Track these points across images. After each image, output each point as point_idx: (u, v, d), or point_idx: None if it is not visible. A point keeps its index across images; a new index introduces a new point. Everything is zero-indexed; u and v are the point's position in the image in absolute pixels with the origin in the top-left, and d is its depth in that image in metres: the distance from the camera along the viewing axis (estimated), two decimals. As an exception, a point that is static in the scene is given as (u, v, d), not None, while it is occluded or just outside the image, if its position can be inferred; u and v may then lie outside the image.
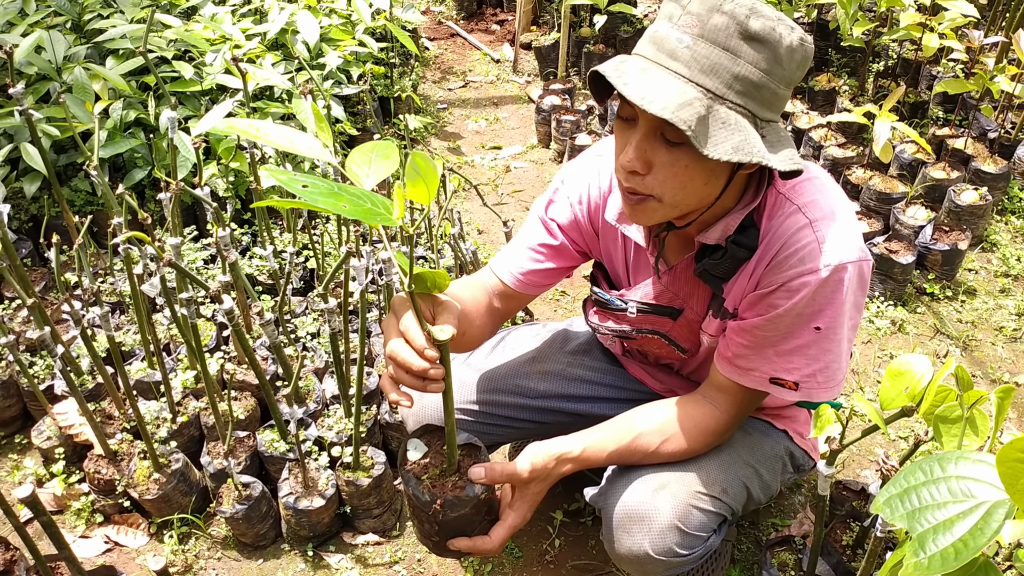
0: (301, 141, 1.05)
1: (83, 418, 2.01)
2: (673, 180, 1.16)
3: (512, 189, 3.63)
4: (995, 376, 2.52)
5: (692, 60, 1.08)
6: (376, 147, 1.11)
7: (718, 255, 1.29)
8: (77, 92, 2.70)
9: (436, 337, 1.08)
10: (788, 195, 1.27)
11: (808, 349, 1.29)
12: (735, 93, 1.09)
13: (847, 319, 1.28)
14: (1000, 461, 0.73)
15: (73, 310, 1.82)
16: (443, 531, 1.30)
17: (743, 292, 1.33)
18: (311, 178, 0.97)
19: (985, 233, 3.13)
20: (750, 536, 2.00)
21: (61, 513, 2.05)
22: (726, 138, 1.08)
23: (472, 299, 1.46)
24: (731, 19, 1.07)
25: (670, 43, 1.09)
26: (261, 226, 2.46)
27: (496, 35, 5.30)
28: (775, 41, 1.09)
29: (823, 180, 1.30)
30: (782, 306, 1.26)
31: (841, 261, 1.22)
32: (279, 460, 1.98)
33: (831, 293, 1.24)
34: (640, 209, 1.22)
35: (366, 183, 1.03)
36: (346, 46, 3.36)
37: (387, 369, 1.16)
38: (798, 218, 1.25)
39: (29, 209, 2.84)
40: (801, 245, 1.24)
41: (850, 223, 1.26)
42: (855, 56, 4.15)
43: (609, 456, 1.38)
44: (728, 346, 1.37)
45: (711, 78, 1.08)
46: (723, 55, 1.08)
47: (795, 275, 1.24)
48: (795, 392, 1.32)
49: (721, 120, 1.08)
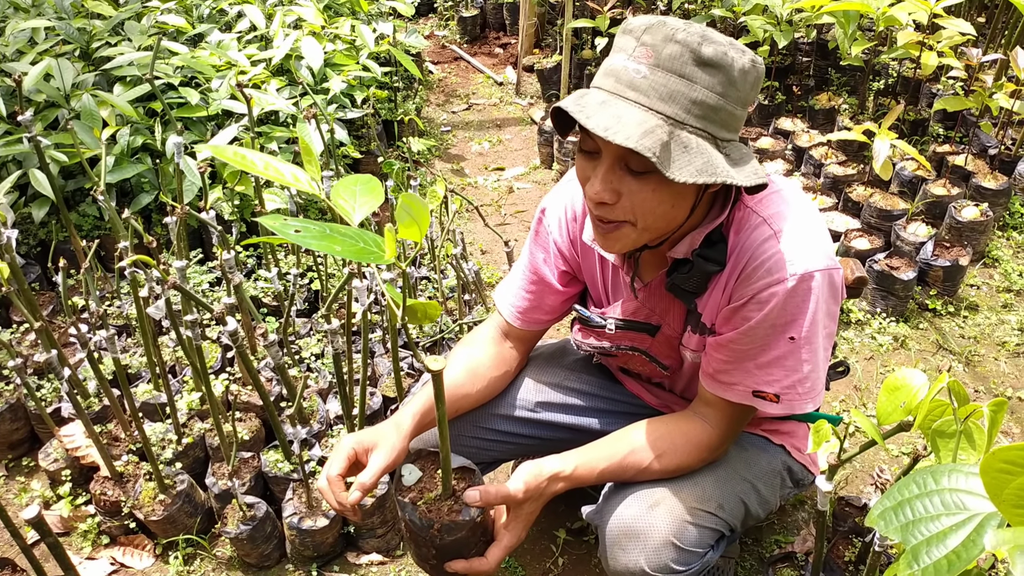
0: (286, 170, 1.07)
1: (89, 440, 2.03)
2: (642, 206, 1.19)
3: (515, 209, 3.66)
4: (998, 391, 2.52)
5: (650, 89, 1.11)
6: (359, 180, 1.13)
7: (686, 269, 1.32)
8: (85, 119, 2.75)
9: (429, 368, 1.09)
10: (754, 208, 1.30)
11: (785, 360, 1.30)
12: (694, 117, 1.12)
13: (821, 328, 1.30)
14: (984, 472, 0.73)
15: (80, 333, 1.85)
16: (440, 555, 1.31)
17: (718, 306, 1.35)
18: (303, 222, 0.99)
19: (987, 249, 3.14)
20: (753, 553, 2.00)
21: (67, 535, 2.07)
22: (689, 161, 1.11)
23: (483, 356, 1.61)
24: (684, 47, 1.10)
25: (628, 74, 1.13)
26: (266, 249, 2.48)
27: (499, 58, 5.35)
28: (728, 65, 1.12)
29: (788, 191, 1.33)
30: (754, 318, 1.28)
31: (807, 269, 1.25)
32: (283, 480, 1.99)
33: (800, 302, 1.26)
34: (614, 237, 1.25)
35: (355, 217, 1.05)
36: (350, 71, 3.40)
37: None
38: (763, 230, 1.28)
39: (37, 234, 2.87)
40: (767, 256, 1.26)
41: (816, 232, 1.29)
42: (855, 75, 4.18)
43: (601, 473, 1.39)
44: (709, 362, 1.39)
45: (670, 105, 1.11)
46: (680, 82, 1.11)
47: (763, 286, 1.26)
48: (777, 404, 1.33)
49: (683, 144, 1.11)
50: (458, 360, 1.59)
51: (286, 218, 1.00)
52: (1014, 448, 0.71)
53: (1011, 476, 0.72)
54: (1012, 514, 0.73)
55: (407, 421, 1.41)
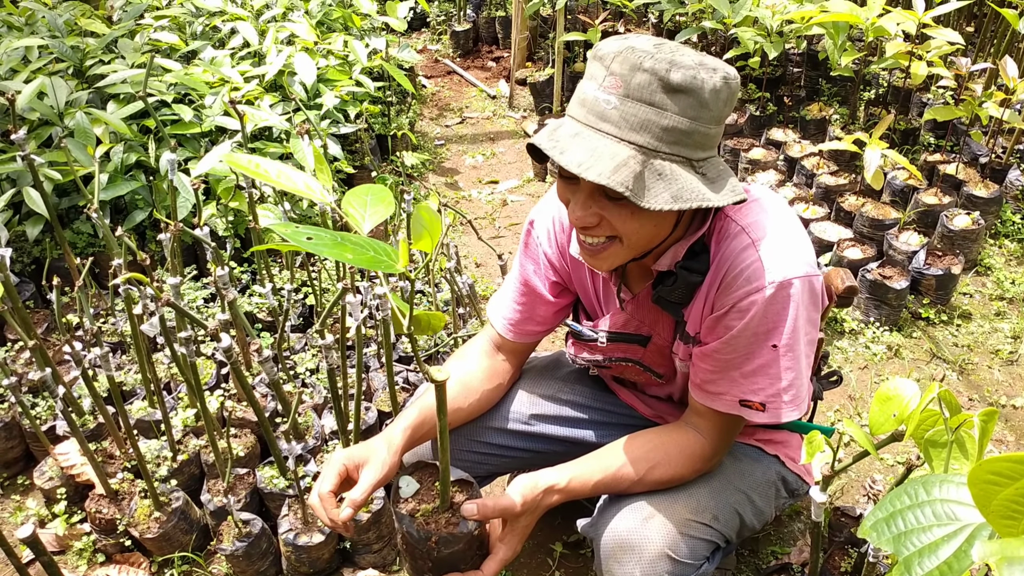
0: (299, 179, 1.08)
1: (84, 458, 2.03)
2: (623, 228, 1.22)
3: (509, 222, 3.67)
4: (992, 399, 2.52)
5: (621, 120, 1.12)
6: (371, 190, 1.13)
7: (670, 281, 1.33)
8: (79, 136, 2.75)
9: (433, 378, 1.10)
10: (734, 218, 1.32)
11: (769, 368, 1.31)
12: (666, 144, 1.13)
13: (802, 335, 1.31)
14: (971, 482, 0.74)
15: (74, 351, 1.85)
16: (436, 567, 1.31)
17: (701, 316, 1.37)
18: (314, 229, 0.99)
19: (979, 257, 3.15)
20: (750, 564, 2.00)
21: (63, 553, 2.06)
22: (664, 189, 1.13)
23: (476, 369, 1.61)
24: (652, 76, 1.11)
25: (599, 105, 1.14)
26: (260, 264, 2.49)
27: (492, 72, 5.37)
28: (697, 88, 1.12)
29: (767, 200, 1.34)
30: (736, 327, 1.29)
31: (786, 277, 1.26)
32: (279, 496, 1.99)
33: (780, 309, 1.27)
34: (602, 257, 1.27)
35: (364, 226, 1.05)
36: (343, 86, 3.42)
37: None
38: (742, 239, 1.29)
39: (32, 252, 2.87)
40: (746, 265, 1.27)
41: (794, 240, 1.30)
42: (845, 85, 4.20)
43: (596, 485, 1.39)
44: (697, 373, 1.40)
45: (642, 134, 1.12)
46: (650, 111, 1.12)
47: (743, 295, 1.27)
48: (763, 413, 1.34)
49: (657, 172, 1.13)
50: (450, 374, 1.59)
51: (298, 225, 1.00)
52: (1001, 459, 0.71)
53: (998, 487, 0.72)
54: (1000, 525, 0.74)
55: (398, 436, 1.41)
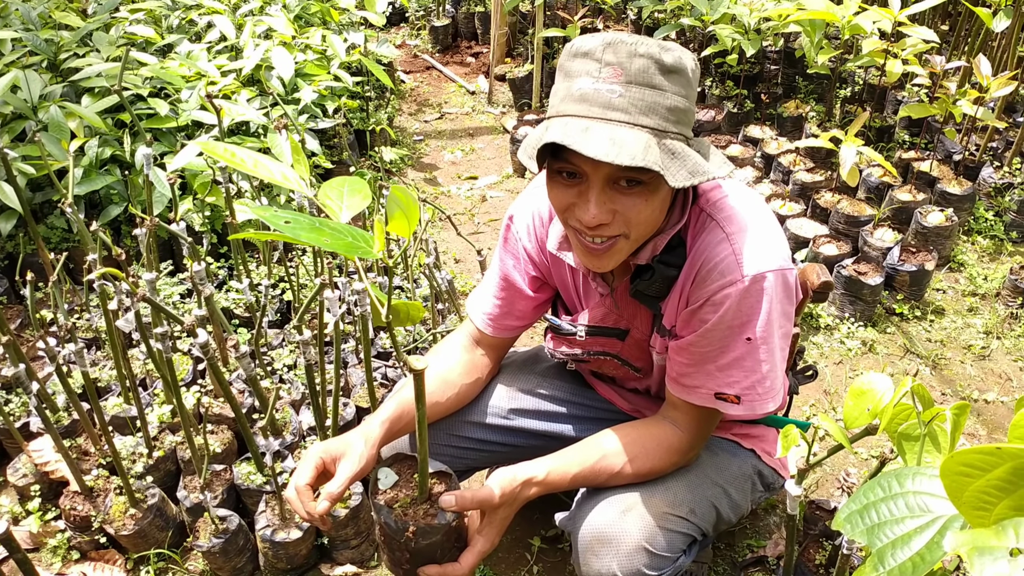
0: (276, 169, 1.07)
1: (59, 455, 2.01)
2: (636, 217, 1.21)
3: (488, 218, 3.67)
4: (965, 394, 2.56)
5: (630, 106, 1.13)
6: (347, 182, 1.13)
7: (648, 275, 1.34)
8: (53, 130, 2.72)
9: (412, 366, 1.10)
10: (709, 211, 1.33)
11: (744, 361, 1.32)
12: (672, 124, 1.15)
13: (776, 328, 1.32)
14: (943, 474, 0.74)
15: (48, 347, 1.83)
16: (414, 559, 1.31)
17: (676, 310, 1.38)
18: (292, 214, 0.98)
19: (952, 253, 3.19)
20: (726, 558, 2.02)
21: (37, 551, 2.04)
22: (680, 167, 1.14)
23: (454, 364, 1.61)
24: (649, 59, 1.13)
25: (603, 96, 1.13)
26: (237, 260, 2.47)
27: (471, 67, 5.36)
28: (684, 68, 1.16)
29: (741, 194, 1.35)
30: (710, 320, 1.31)
31: (760, 270, 1.27)
32: (256, 493, 1.98)
33: (754, 303, 1.28)
34: (608, 255, 1.27)
35: (341, 216, 1.05)
36: (321, 81, 3.40)
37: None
38: (717, 233, 1.30)
39: (5, 247, 2.84)
40: (720, 259, 1.28)
41: (768, 233, 1.31)
42: (822, 83, 4.24)
43: (574, 478, 1.40)
44: (673, 366, 1.41)
45: (651, 117, 1.13)
46: (654, 93, 1.13)
47: (717, 288, 1.29)
48: (738, 406, 1.35)
49: (670, 152, 1.14)
50: (429, 368, 1.59)
51: (276, 209, 0.99)
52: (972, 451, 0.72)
53: (970, 479, 0.73)
54: (972, 516, 0.75)
55: (376, 429, 1.41)
